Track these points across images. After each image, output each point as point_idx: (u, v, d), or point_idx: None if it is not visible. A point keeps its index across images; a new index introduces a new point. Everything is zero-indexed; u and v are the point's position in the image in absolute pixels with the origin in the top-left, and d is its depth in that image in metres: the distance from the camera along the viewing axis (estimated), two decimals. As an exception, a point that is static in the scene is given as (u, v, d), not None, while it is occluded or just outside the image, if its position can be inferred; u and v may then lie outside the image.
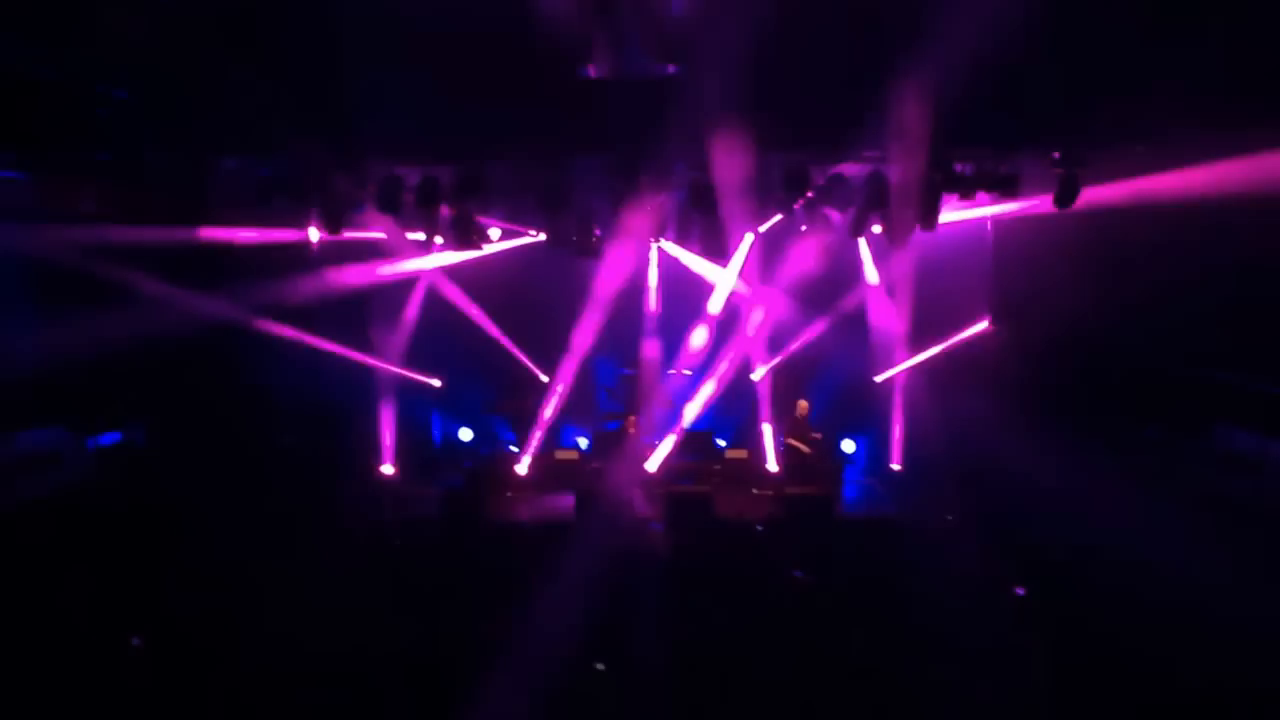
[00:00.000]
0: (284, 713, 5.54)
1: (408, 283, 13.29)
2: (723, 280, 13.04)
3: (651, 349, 13.63)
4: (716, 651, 6.14)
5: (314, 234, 11.83)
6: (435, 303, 13.33)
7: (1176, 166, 8.50)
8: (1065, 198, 8.98)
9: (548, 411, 13.34)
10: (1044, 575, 7.42)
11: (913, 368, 12.94)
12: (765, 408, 13.36)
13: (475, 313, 13.44)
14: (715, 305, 13.13)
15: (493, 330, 13.58)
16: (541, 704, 5.27)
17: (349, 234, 11.88)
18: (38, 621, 6.45)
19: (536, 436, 13.29)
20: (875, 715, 5.57)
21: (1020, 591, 7.31)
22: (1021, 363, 10.74)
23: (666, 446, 13.13)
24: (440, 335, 13.45)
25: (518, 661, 5.60)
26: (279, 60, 7.42)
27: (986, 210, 11.50)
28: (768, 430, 13.28)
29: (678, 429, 13.55)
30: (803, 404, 12.60)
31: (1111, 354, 9.91)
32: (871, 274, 12.84)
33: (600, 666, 5.90)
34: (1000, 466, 9.61)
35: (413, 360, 13.43)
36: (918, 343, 12.76)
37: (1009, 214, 11.03)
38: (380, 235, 12.50)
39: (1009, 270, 11.52)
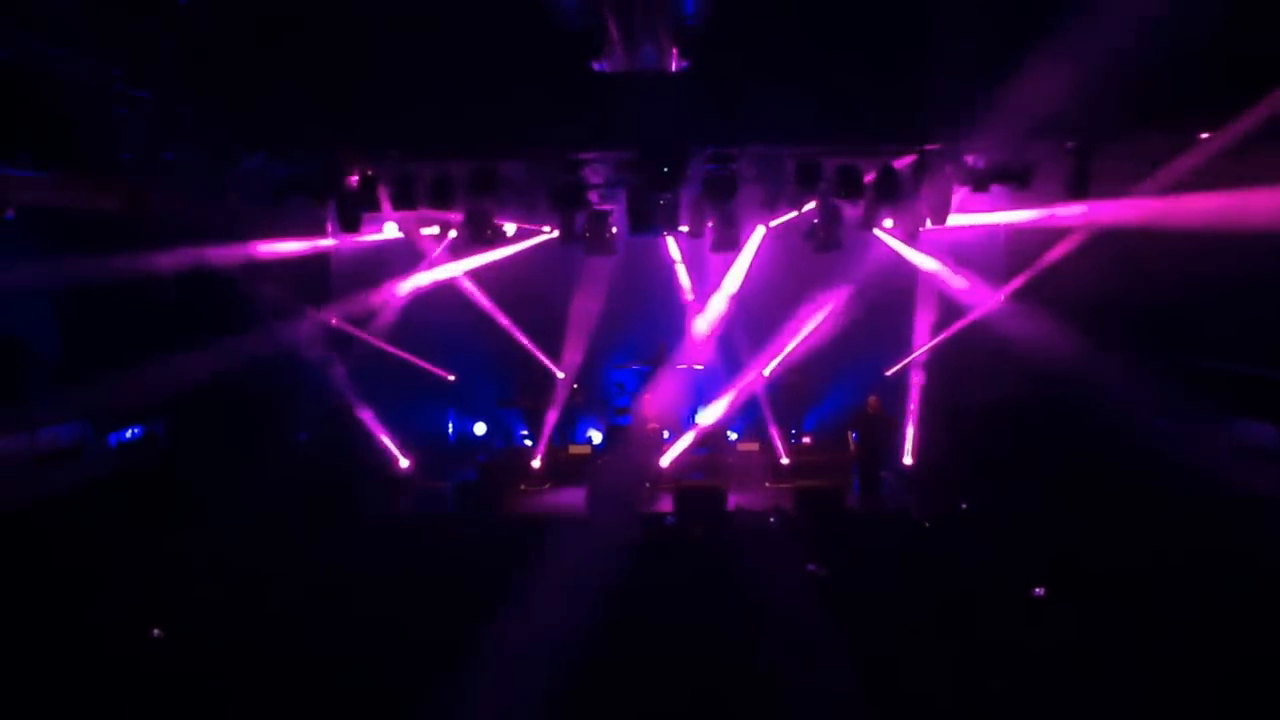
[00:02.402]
0: (293, 705, 5.60)
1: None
2: (737, 266, 13.02)
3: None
4: (725, 646, 6.15)
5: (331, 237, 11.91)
6: (449, 298, 13.38)
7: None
8: (1078, 187, 8.93)
9: (561, 406, 13.38)
10: (1064, 574, 7.34)
11: (925, 360, 12.89)
12: (772, 404, 13.34)
13: (490, 308, 13.49)
14: (729, 289, 13.12)
15: (507, 325, 13.63)
16: (546, 699, 5.29)
17: (364, 237, 12.02)
18: (57, 616, 6.54)
19: (550, 431, 13.34)
20: (882, 714, 5.56)
21: (1039, 592, 7.23)
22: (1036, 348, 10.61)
23: (683, 443, 13.14)
24: (455, 330, 13.52)
25: (526, 656, 5.63)
26: (296, 56, 7.47)
27: (999, 217, 11.44)
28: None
29: (694, 426, 13.52)
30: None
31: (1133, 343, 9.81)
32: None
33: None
34: (1010, 459, 9.57)
35: (428, 355, 13.51)
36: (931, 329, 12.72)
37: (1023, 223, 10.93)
38: (396, 235, 12.60)
39: (1023, 254, 11.45)
